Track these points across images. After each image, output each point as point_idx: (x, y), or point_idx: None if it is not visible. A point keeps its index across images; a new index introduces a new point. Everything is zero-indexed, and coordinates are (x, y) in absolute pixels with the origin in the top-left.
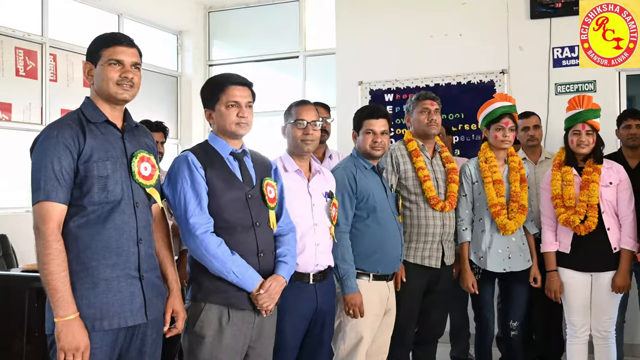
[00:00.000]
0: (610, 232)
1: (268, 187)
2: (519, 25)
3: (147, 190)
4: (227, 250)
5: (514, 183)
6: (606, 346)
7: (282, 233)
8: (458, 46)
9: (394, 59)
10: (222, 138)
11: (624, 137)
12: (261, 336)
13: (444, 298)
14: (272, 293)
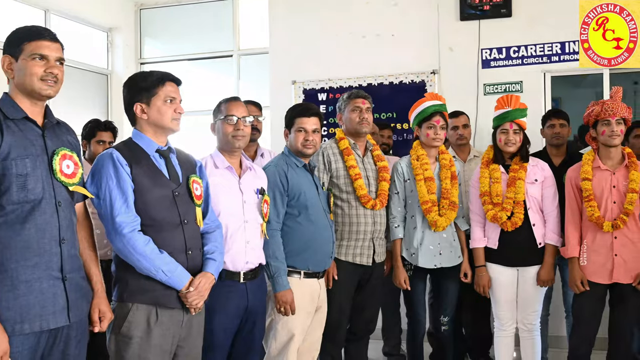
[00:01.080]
0: (535, 227)
1: (194, 184)
2: (449, 26)
3: (70, 189)
4: (155, 249)
5: (445, 180)
6: (531, 339)
7: (208, 230)
8: (390, 46)
9: (327, 58)
10: (148, 135)
11: (548, 136)
12: (190, 335)
13: (375, 295)
14: (201, 290)
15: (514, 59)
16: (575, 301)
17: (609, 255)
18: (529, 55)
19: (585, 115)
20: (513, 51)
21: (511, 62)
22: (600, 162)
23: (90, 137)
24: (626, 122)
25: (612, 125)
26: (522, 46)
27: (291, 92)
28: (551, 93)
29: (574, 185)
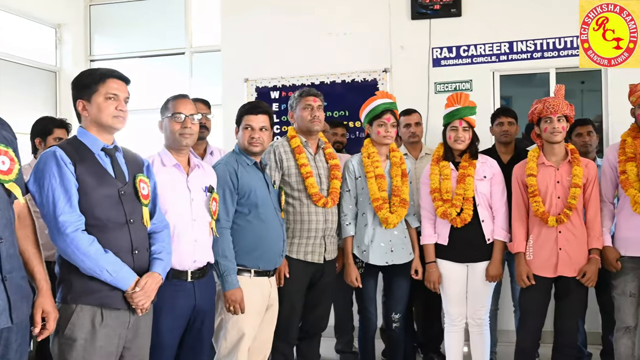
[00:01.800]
0: (484, 224)
1: (141, 183)
2: (401, 25)
3: (6, 186)
4: (100, 249)
5: (395, 178)
6: (480, 333)
7: (156, 230)
8: (343, 45)
9: (280, 56)
10: (92, 133)
11: (497, 133)
12: (137, 336)
13: (327, 292)
14: (148, 290)
15: (464, 57)
16: (522, 295)
17: (554, 249)
18: (479, 54)
19: (530, 113)
20: (463, 50)
21: (461, 61)
22: (544, 158)
23: (45, 134)
24: (568, 119)
25: (554, 122)
26: (472, 45)
27: (244, 90)
28: (502, 92)
29: (519, 181)
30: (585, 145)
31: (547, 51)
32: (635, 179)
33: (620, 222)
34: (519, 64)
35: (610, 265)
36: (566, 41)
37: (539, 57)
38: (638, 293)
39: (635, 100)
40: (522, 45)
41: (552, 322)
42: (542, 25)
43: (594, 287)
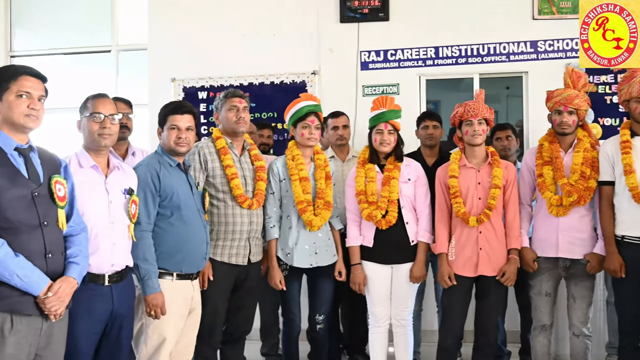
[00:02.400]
0: (408, 225)
1: (57, 184)
2: (330, 28)
3: None
4: (10, 252)
5: (319, 180)
6: (404, 334)
7: (72, 233)
8: (271, 46)
9: (208, 56)
10: (5, 132)
11: (422, 137)
12: (50, 343)
13: (252, 295)
14: (61, 296)
15: (391, 61)
16: (444, 295)
17: (475, 249)
18: (406, 58)
19: (452, 117)
20: (390, 54)
21: (389, 65)
22: (466, 160)
23: None
24: (488, 122)
25: (475, 125)
26: (399, 50)
27: (171, 90)
28: (430, 96)
29: (442, 183)
30: (505, 149)
31: (471, 57)
32: (552, 182)
33: (537, 224)
34: (445, 68)
35: (527, 266)
36: (489, 47)
37: (464, 62)
38: (553, 292)
39: (552, 106)
40: (447, 51)
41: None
42: (466, 32)
43: (514, 287)
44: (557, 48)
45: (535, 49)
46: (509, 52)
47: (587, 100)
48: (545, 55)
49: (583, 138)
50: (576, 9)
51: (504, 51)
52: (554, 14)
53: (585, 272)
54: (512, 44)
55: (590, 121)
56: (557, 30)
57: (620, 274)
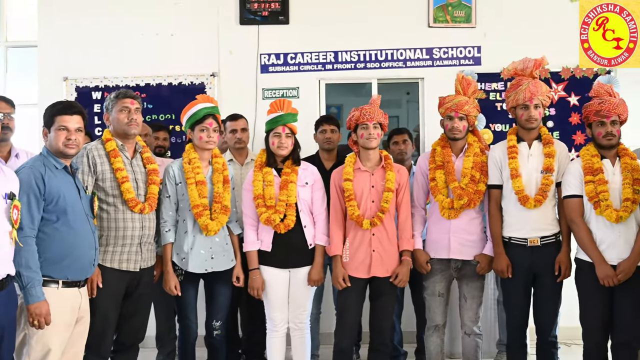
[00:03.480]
0: (306, 229)
1: None
2: (229, 29)
3: None
4: None
5: (217, 184)
6: (302, 337)
7: None
8: (169, 47)
9: (103, 55)
10: None
11: (320, 140)
12: None
13: (144, 302)
14: None
15: (291, 65)
16: (339, 297)
17: (368, 251)
18: (305, 62)
19: (348, 121)
20: (290, 58)
21: (289, 69)
22: (360, 164)
23: None
24: (383, 127)
25: (370, 129)
26: (299, 53)
27: (62, 90)
28: (333, 100)
29: (337, 186)
30: (401, 153)
31: (370, 62)
32: (444, 186)
33: (430, 226)
34: (344, 73)
35: (420, 267)
36: (387, 53)
37: (362, 67)
38: (446, 293)
39: (443, 112)
40: (346, 55)
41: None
42: (365, 37)
43: (410, 288)
44: (451, 55)
45: (430, 56)
46: (405, 59)
47: (477, 106)
48: (440, 62)
49: (473, 143)
50: (469, 18)
51: (401, 57)
52: (449, 23)
53: (476, 272)
54: (409, 51)
55: (482, 127)
56: (451, 38)
57: (507, 274)
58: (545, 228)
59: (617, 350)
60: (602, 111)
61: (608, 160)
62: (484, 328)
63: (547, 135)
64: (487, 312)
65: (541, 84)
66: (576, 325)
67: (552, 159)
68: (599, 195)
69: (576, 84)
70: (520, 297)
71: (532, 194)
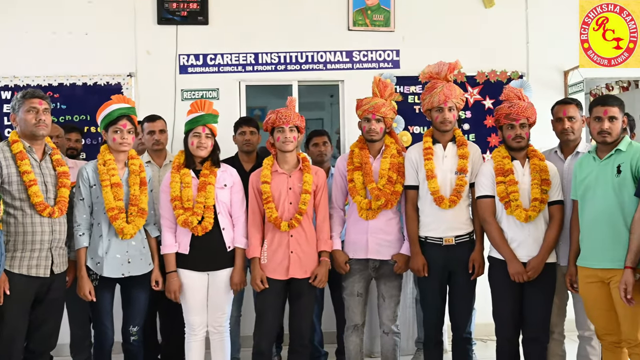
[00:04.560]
0: (225, 232)
1: None
2: (147, 29)
3: None
4: None
5: (133, 186)
6: (221, 340)
7: None
8: (84, 46)
9: (13, 54)
10: None
11: (239, 142)
12: None
13: (55, 308)
14: None
15: (211, 66)
16: (257, 299)
17: (286, 252)
18: (225, 63)
19: (264, 123)
20: (210, 59)
21: (208, 70)
22: (278, 166)
23: None
24: (299, 129)
25: (286, 132)
26: (219, 54)
27: None
28: (256, 102)
29: (255, 188)
30: (321, 154)
31: (290, 64)
32: (362, 187)
33: (349, 227)
34: (264, 75)
35: (339, 268)
36: (307, 55)
37: (283, 69)
38: (365, 293)
39: (361, 114)
40: (266, 57)
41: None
42: (285, 39)
43: (329, 289)
44: (370, 59)
45: (350, 59)
46: (326, 61)
47: (394, 108)
48: (360, 65)
49: (390, 145)
50: (388, 22)
51: (322, 60)
52: (368, 26)
53: (393, 272)
54: (329, 53)
55: (401, 129)
56: (370, 42)
57: (423, 273)
58: (459, 227)
59: (528, 344)
60: (511, 114)
61: (518, 161)
62: (403, 326)
63: (461, 137)
64: (407, 311)
65: (455, 87)
66: (492, 322)
67: (466, 160)
68: (509, 196)
69: (491, 88)
70: (436, 295)
71: (447, 195)
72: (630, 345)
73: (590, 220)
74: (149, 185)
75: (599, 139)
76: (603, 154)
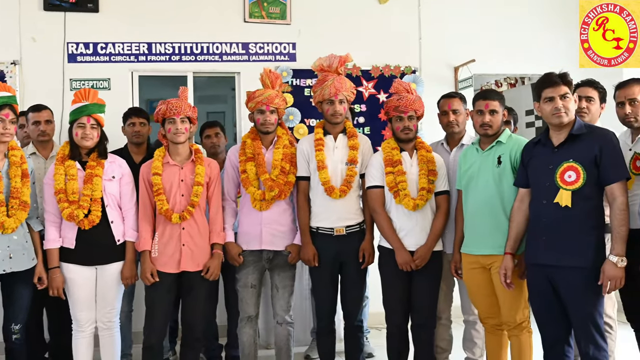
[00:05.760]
0: (113, 225)
1: None
2: (32, 15)
3: None
4: None
5: (14, 178)
6: (110, 336)
7: None
8: None
9: None
10: None
11: (129, 134)
12: None
13: None
14: None
15: (102, 55)
16: (147, 293)
17: (178, 245)
18: (117, 53)
19: (155, 114)
20: (101, 47)
21: (99, 59)
22: (169, 158)
23: None
24: (191, 120)
25: (177, 123)
26: (110, 43)
27: None
28: (150, 93)
29: (145, 180)
30: (214, 146)
31: (185, 55)
32: (254, 178)
33: (242, 218)
34: (158, 65)
35: (232, 260)
36: (203, 46)
37: (177, 60)
38: (258, 284)
39: (254, 106)
40: (160, 47)
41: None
42: (180, 29)
43: (224, 281)
44: (267, 51)
45: (247, 51)
46: (222, 52)
47: (285, 99)
48: (256, 57)
49: (282, 136)
50: (284, 14)
51: (217, 51)
52: (264, 18)
53: (287, 262)
54: (225, 45)
55: (297, 122)
56: (267, 34)
57: (314, 263)
58: (350, 217)
59: (416, 330)
60: (399, 107)
61: (407, 152)
62: (300, 317)
63: (352, 129)
64: (304, 302)
65: (346, 80)
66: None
67: (356, 151)
68: (398, 186)
69: (385, 82)
70: (328, 284)
71: (337, 185)
72: (510, 327)
73: (473, 209)
74: (32, 177)
75: (481, 132)
76: (485, 145)
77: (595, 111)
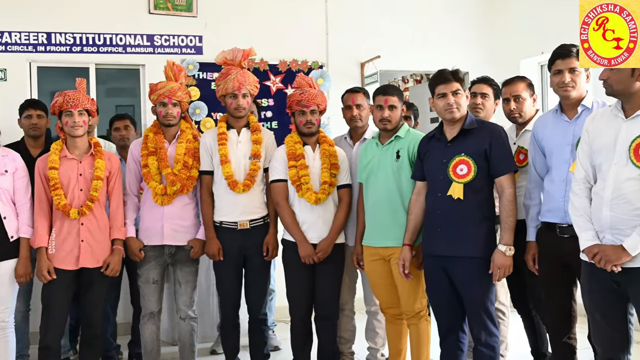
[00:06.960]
0: (6, 220)
1: None
2: None
3: None
4: None
5: None
6: (4, 336)
7: None
8: None
9: None
10: None
11: (25, 126)
12: None
13: None
14: None
15: None
16: (44, 291)
17: (76, 241)
18: (13, 42)
19: (51, 106)
20: None
21: None
22: (67, 151)
23: None
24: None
25: (75, 116)
26: (6, 32)
27: None
28: (50, 85)
29: (42, 174)
30: (123, 139)
31: (87, 46)
32: (157, 172)
33: (144, 213)
34: (58, 56)
35: (134, 255)
36: (105, 38)
37: (79, 51)
38: (161, 280)
39: (156, 99)
40: (60, 37)
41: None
42: (82, 19)
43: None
44: (173, 43)
45: (152, 43)
46: (125, 44)
47: (189, 92)
48: (162, 50)
49: (186, 129)
50: (190, 7)
51: (121, 43)
52: (170, 10)
53: (189, 257)
54: (129, 36)
55: (204, 115)
56: (173, 27)
57: (219, 257)
58: (254, 212)
59: (320, 321)
60: (302, 101)
61: (309, 146)
62: (207, 313)
63: (255, 123)
64: (210, 298)
65: (249, 74)
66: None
67: (260, 145)
68: (300, 179)
69: (292, 77)
70: (232, 278)
71: (241, 179)
72: (409, 317)
73: (373, 202)
74: None
75: (380, 126)
76: (384, 140)
77: (490, 107)
